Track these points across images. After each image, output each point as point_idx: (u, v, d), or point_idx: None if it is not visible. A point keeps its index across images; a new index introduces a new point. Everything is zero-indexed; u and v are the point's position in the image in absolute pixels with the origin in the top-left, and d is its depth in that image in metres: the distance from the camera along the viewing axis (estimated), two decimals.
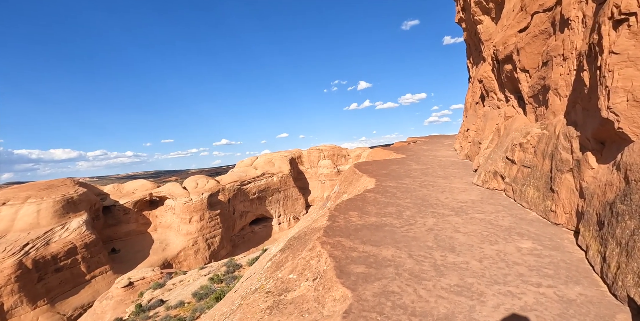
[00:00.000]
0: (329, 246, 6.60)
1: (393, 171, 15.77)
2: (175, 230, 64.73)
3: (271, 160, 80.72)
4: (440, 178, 14.38)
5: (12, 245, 51.41)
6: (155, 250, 61.93)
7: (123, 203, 62.61)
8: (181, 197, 64.47)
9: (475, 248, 6.91)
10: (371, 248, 6.61)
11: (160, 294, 42.81)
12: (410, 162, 19.07)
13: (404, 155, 22.03)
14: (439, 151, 25.47)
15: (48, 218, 54.99)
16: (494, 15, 18.41)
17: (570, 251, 6.84)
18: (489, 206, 9.85)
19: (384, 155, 23.25)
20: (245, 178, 74.19)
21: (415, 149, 26.52)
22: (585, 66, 7.26)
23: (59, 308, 52.75)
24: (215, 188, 68.13)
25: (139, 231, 63.90)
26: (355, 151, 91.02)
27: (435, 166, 18.11)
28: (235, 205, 71.52)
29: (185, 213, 64.07)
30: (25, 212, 54.43)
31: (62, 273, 53.56)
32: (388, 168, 16.47)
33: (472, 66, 26.03)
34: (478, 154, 18.25)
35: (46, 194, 56.61)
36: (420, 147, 28.40)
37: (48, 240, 53.42)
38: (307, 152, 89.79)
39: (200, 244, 64.48)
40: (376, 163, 18.09)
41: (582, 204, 7.39)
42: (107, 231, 61.68)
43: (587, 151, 7.47)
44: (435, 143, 32.11)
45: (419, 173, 15.52)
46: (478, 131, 20.49)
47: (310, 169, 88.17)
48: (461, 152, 23.79)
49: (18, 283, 49.15)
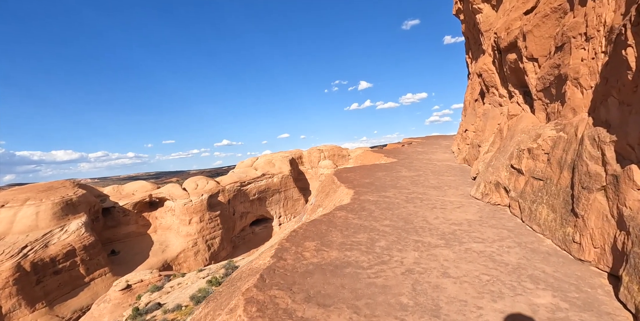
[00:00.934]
0: (255, 308, 4.37)
1: (378, 179, 13.58)
2: (175, 231, 63.02)
3: (271, 161, 78.58)
4: (432, 188, 12.14)
5: (10, 248, 50.05)
6: (155, 252, 60.28)
7: (123, 204, 61.00)
8: (181, 198, 62.69)
9: (470, 307, 4.61)
10: (316, 311, 4.36)
11: (158, 297, 41.17)
12: (400, 167, 16.85)
13: (395, 159, 19.74)
14: (435, 153, 23.23)
15: (47, 220, 53.57)
16: (494, 3, 15.89)
17: (610, 313, 4.50)
18: (490, 230, 7.49)
19: (373, 159, 20.97)
20: (245, 178, 72.17)
21: (409, 151, 24.13)
22: (631, 39, 4.83)
23: (58, 311, 51.32)
24: (215, 188, 66.23)
25: (138, 233, 62.28)
26: (355, 151, 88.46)
27: (428, 172, 15.97)
28: (235, 206, 69.57)
29: (185, 214, 62.28)
30: (24, 214, 53.05)
31: (61, 275, 52.13)
32: (373, 175, 14.30)
33: (472, 61, 23.34)
34: (477, 158, 15.86)
35: (45, 196, 55.20)
36: (414, 149, 26.01)
37: (47, 242, 52.00)
38: (308, 153, 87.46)
39: (200, 246, 62.71)
40: (361, 169, 15.85)
41: (624, 239, 5.02)
42: (106, 232, 60.15)
43: (631, 164, 5.09)
44: (432, 145, 29.69)
45: (407, 181, 13.33)
46: (477, 132, 18.06)
47: (311, 169, 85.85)
48: (459, 156, 21.40)
49: (16, 285, 47.75)
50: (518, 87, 12.29)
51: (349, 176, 13.61)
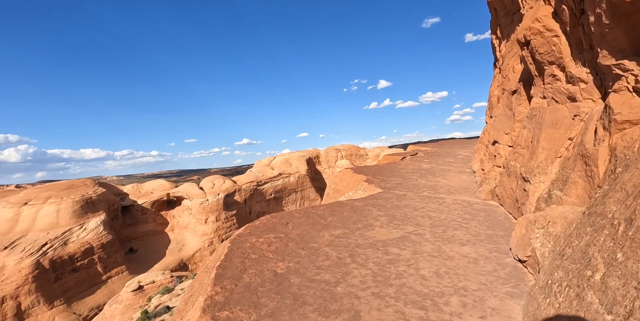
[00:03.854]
0: None
1: (304, 261, 6.88)
2: (191, 230, 60.29)
3: (288, 160, 74.85)
4: (421, 299, 5.67)
5: (31, 245, 48.57)
6: (171, 251, 57.71)
7: (141, 203, 58.88)
8: (198, 197, 59.92)
9: None
10: None
11: (168, 300, 38.18)
12: (374, 214, 9.27)
13: (378, 189, 11.60)
14: (446, 175, 14.27)
15: (67, 218, 51.96)
16: None
17: None
18: None
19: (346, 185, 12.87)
20: (261, 178, 68.77)
21: (407, 170, 15.39)
22: None
23: (75, 308, 49.38)
24: (231, 188, 63.14)
25: (156, 231, 59.99)
26: (373, 150, 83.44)
27: (425, 229, 8.75)
28: (251, 206, 66.26)
29: (202, 213, 59.46)
30: (46, 212, 51.65)
31: (79, 273, 50.30)
32: (306, 243, 7.66)
33: (500, 42, 17.26)
34: (524, 204, 9.01)
35: (66, 194, 53.66)
36: (417, 165, 16.56)
37: (66, 240, 50.25)
38: (325, 152, 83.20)
39: (216, 245, 59.65)
40: (298, 217, 8.91)
41: None
42: (125, 231, 58.13)
43: None
44: (444, 156, 19.66)
45: (368, 276, 6.46)
46: (519, 149, 10.85)
47: (328, 169, 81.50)
48: (484, 184, 12.68)
49: (35, 283, 46.08)
50: (630, 55, 6.00)
51: (255, 244, 7.25)
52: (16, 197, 52.75)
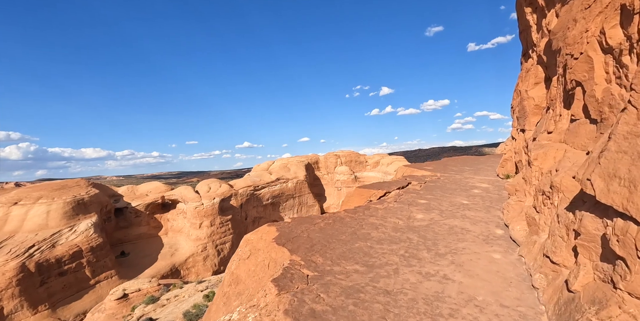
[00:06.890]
0: None
1: None
2: (185, 235, 56.95)
3: (287, 165, 71.59)
4: None
5: (17, 247, 45.29)
6: (163, 255, 54.32)
7: (135, 205, 55.65)
8: (193, 201, 56.66)
9: None
10: None
11: (152, 310, 34.73)
12: None
13: None
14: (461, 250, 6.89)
15: (57, 220, 48.74)
16: None
17: None
18: None
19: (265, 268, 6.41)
20: (259, 182, 65.49)
21: (382, 230, 8.05)
22: None
23: (60, 314, 45.92)
24: (227, 192, 59.86)
25: (149, 235, 56.68)
26: (373, 157, 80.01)
27: None
28: (247, 210, 62.93)
29: (196, 217, 56.15)
30: (35, 212, 48.47)
31: (66, 277, 46.96)
32: None
33: (538, 16, 11.46)
34: None
35: (58, 194, 50.50)
36: (405, 216, 9.04)
37: (54, 242, 47.00)
38: (324, 158, 79.87)
39: (209, 251, 56.31)
40: None
41: None
42: (118, 233, 54.86)
43: None
44: (453, 191, 12.56)
45: None
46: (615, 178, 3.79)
47: (327, 175, 78.13)
48: (550, 278, 4.95)
49: (19, 286, 42.72)
50: None
51: None
52: (6, 196, 49.65)
